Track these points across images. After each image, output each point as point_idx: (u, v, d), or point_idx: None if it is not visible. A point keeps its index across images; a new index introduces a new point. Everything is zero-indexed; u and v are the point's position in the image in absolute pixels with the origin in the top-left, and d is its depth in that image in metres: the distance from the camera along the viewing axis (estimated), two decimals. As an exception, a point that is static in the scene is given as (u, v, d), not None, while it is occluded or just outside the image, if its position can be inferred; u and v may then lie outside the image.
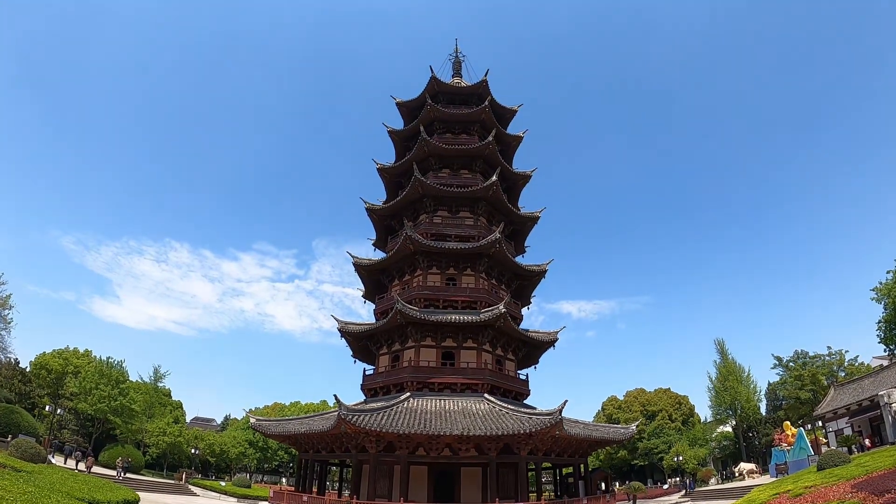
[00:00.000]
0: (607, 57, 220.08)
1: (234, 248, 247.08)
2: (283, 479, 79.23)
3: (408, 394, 30.63)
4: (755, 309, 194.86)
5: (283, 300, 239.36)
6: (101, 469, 41.39)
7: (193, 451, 65.97)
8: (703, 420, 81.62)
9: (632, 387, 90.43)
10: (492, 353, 34.14)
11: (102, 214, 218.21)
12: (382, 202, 40.57)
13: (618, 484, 67.96)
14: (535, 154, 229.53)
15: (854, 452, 33.09)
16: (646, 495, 53.09)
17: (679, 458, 63.38)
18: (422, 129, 38.35)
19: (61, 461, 39.07)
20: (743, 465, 55.42)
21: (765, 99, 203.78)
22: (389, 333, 34.92)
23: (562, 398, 31.76)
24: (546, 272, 38.58)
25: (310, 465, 34.54)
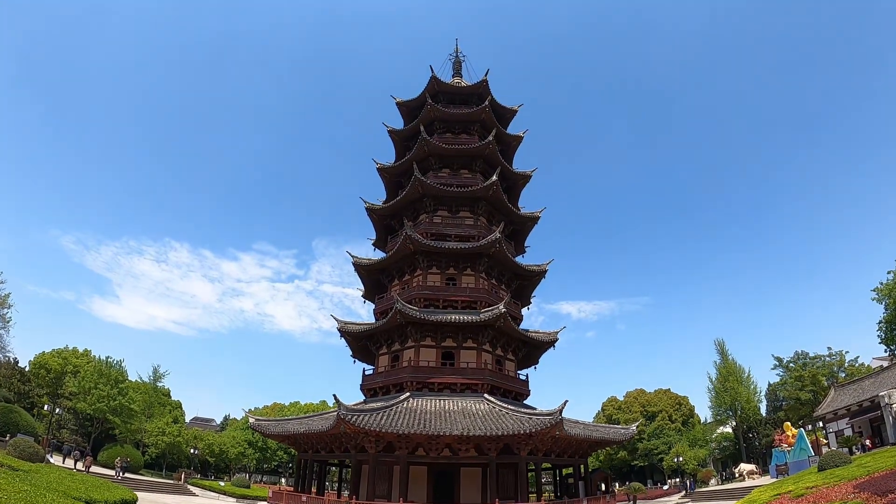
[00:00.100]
0: (607, 57, 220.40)
1: (234, 248, 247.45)
2: (283, 480, 79.22)
3: (407, 394, 30.54)
4: (755, 309, 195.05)
5: (282, 300, 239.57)
6: (100, 469, 41.31)
7: (192, 451, 65.88)
8: (703, 421, 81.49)
9: (632, 387, 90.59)
10: (492, 353, 34.06)
11: (102, 214, 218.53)
12: (382, 202, 40.50)
13: (618, 485, 67.95)
14: (536, 154, 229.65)
15: (855, 453, 33.06)
16: (646, 496, 53.05)
17: (679, 459, 63.27)
18: (422, 129, 38.29)
19: (60, 461, 38.97)
20: (743, 466, 55.30)
21: (765, 99, 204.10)
22: (389, 333, 34.84)
23: (561, 398, 31.71)
24: (546, 272, 38.52)
25: (309, 465, 34.45)
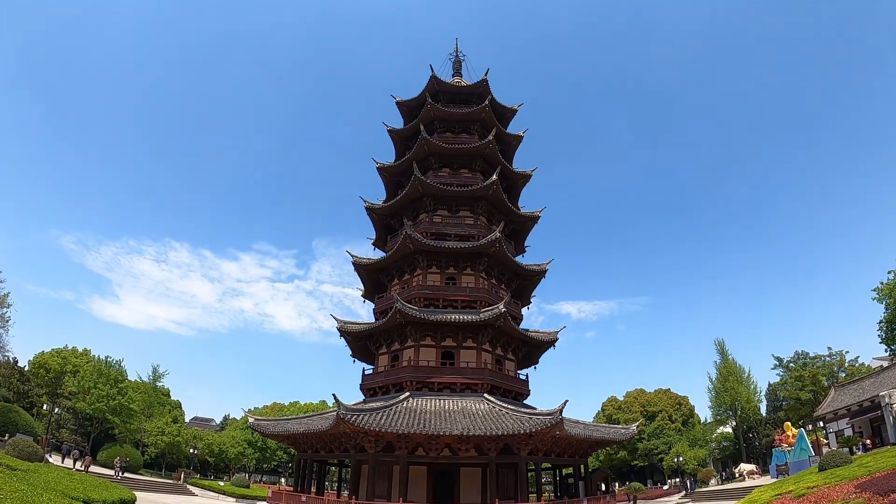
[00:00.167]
0: (607, 57, 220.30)
1: (234, 248, 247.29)
2: (282, 479, 79.17)
3: (407, 393, 30.47)
4: (755, 309, 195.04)
5: (282, 300, 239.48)
6: (99, 468, 41.26)
7: (192, 450, 65.81)
8: (703, 421, 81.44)
9: (632, 387, 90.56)
10: (492, 352, 34.00)
11: (102, 214, 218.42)
12: (382, 201, 40.44)
13: (618, 485, 67.87)
14: (536, 154, 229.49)
15: (855, 453, 32.99)
16: (646, 496, 52.98)
17: (679, 459, 63.20)
18: (422, 128, 38.21)
19: (59, 460, 38.89)
20: (743, 466, 55.22)
21: (765, 99, 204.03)
22: (389, 333, 34.77)
23: (561, 398, 31.60)
24: (546, 272, 38.46)
25: (308, 465, 34.37)
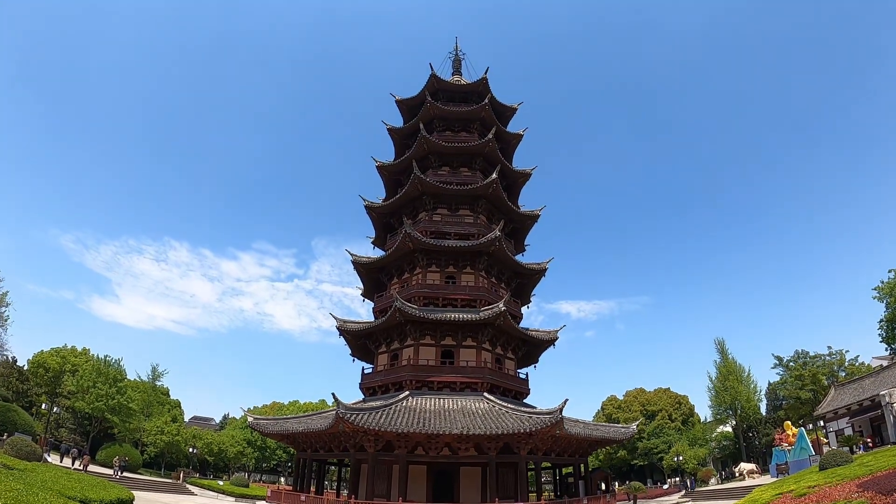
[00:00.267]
0: (607, 57, 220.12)
1: (234, 247, 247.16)
2: (282, 479, 79.12)
3: (407, 392, 30.38)
4: (755, 308, 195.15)
5: (282, 299, 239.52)
6: (98, 468, 41.15)
7: (191, 450, 65.68)
8: (702, 420, 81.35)
9: (631, 386, 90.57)
10: (491, 351, 33.91)
11: (102, 213, 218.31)
12: (382, 200, 40.34)
13: (617, 484, 67.75)
14: (535, 153, 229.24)
15: (856, 452, 32.92)
16: (646, 495, 52.84)
17: (679, 458, 63.14)
18: (421, 127, 38.11)
19: (57, 460, 38.80)
20: (743, 465, 55.13)
21: (764, 98, 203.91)
22: (388, 332, 34.67)
23: (561, 397, 31.57)
24: (546, 270, 38.37)
25: (308, 464, 34.29)
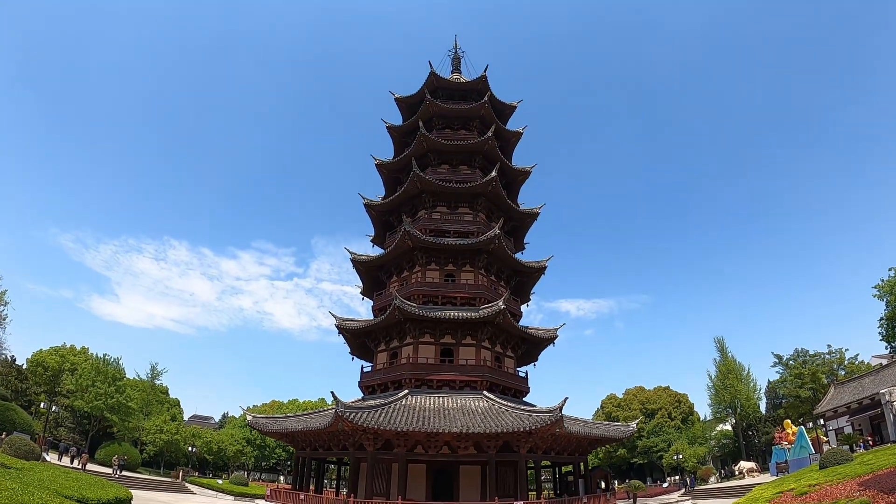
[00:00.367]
0: (607, 56, 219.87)
1: (233, 246, 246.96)
2: (281, 478, 79.05)
3: (406, 391, 30.30)
4: (755, 307, 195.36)
5: (281, 298, 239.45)
6: (97, 467, 41.11)
7: (190, 448, 65.57)
8: (702, 418, 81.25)
9: (631, 385, 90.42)
10: (491, 350, 33.83)
11: (101, 212, 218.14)
12: (381, 198, 40.21)
13: (617, 482, 67.74)
14: (535, 152, 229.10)
15: (856, 451, 32.90)
16: (646, 494, 52.79)
17: (678, 457, 63.10)
18: (420, 125, 37.97)
19: (56, 458, 38.74)
20: (743, 464, 55.08)
21: (764, 97, 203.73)
22: (388, 330, 34.59)
23: (561, 396, 31.49)
24: (546, 269, 38.26)
25: (307, 463, 34.21)
